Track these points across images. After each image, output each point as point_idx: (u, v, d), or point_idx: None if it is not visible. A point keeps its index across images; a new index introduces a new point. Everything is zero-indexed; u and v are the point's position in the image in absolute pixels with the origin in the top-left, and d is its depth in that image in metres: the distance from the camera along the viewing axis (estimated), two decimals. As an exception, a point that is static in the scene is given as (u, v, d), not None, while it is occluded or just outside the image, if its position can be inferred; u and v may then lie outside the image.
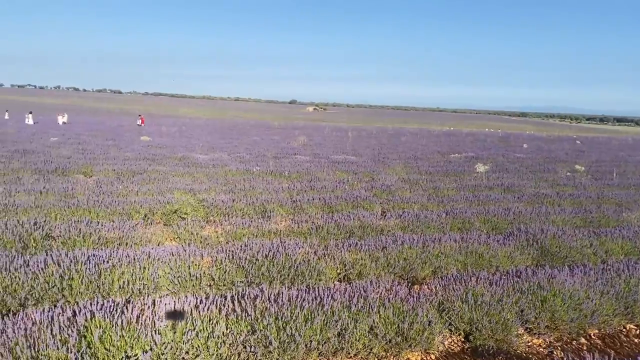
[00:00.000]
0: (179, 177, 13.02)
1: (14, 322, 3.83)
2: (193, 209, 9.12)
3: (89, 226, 7.11)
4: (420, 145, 30.03)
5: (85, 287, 5.13)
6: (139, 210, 8.59)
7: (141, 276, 5.43)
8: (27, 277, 5.03)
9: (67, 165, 13.52)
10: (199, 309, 4.40)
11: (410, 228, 8.48)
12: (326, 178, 13.80)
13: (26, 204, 8.37)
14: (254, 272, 5.84)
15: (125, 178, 12.35)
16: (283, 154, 20.43)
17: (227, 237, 7.55)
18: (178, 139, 26.89)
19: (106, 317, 3.99)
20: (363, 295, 5.02)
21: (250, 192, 11.14)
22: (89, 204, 8.63)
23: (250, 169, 14.84)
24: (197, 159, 17.16)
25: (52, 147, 19.11)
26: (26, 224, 6.83)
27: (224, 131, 37.86)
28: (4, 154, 15.54)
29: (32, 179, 11.43)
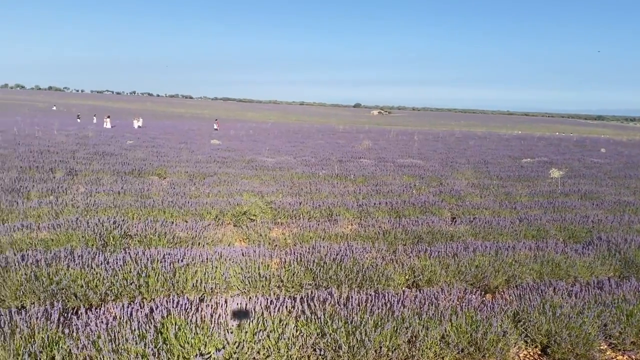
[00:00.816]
0: (247, 179, 13.30)
1: (97, 316, 4.02)
2: (261, 210, 9.27)
3: (164, 226, 7.39)
4: (490, 149, 29.13)
5: (161, 285, 5.32)
6: (210, 212, 8.84)
7: (213, 275, 5.58)
8: (108, 273, 5.29)
9: (142, 167, 14.14)
10: (269, 309, 4.45)
11: (482, 235, 8.22)
12: (392, 182, 13.66)
13: (105, 204, 8.81)
14: (321, 275, 5.84)
15: (197, 180, 12.77)
16: (348, 157, 20.41)
17: (295, 239, 7.62)
18: (246, 143, 27.52)
19: (181, 314, 4.11)
20: (434, 302, 4.90)
21: (316, 195, 11.21)
22: (163, 204, 8.98)
23: (315, 172, 14.93)
24: (264, 162, 17.48)
25: (128, 149, 20.07)
26: (106, 223, 7.19)
27: (290, 135, 38.37)
28: (85, 156, 16.49)
29: (111, 180, 12.03)
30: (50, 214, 8.13)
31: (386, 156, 21.65)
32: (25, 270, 5.13)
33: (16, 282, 4.98)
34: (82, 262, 5.37)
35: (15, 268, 5.16)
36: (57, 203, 8.57)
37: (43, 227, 7.05)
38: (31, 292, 4.97)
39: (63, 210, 8.24)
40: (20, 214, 8.01)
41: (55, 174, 12.32)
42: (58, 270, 5.20)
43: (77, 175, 12.55)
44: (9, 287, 4.94)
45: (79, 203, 8.71)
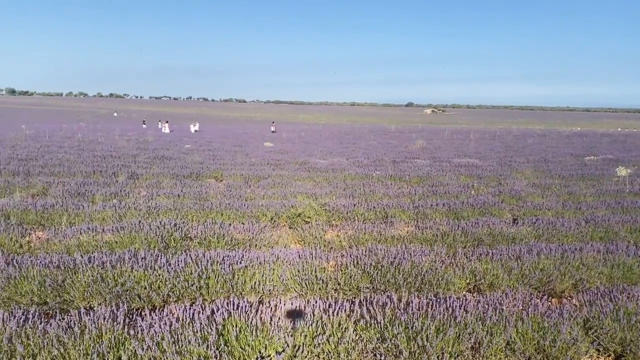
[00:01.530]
0: (300, 181, 13.36)
1: (160, 317, 4.11)
2: (315, 212, 9.27)
3: (222, 228, 7.51)
4: (550, 147, 28.06)
5: (221, 286, 5.39)
6: (265, 214, 8.92)
7: (271, 277, 5.61)
8: (169, 275, 5.41)
9: (200, 171, 14.47)
10: (327, 313, 4.41)
11: (545, 237, 7.88)
12: (449, 182, 13.36)
13: (166, 207, 9.05)
14: (379, 279, 5.76)
15: (252, 182, 12.94)
16: (402, 158, 20.17)
17: (350, 241, 7.56)
18: (298, 145, 27.72)
19: (242, 316, 4.14)
20: (497, 307, 4.73)
21: (370, 196, 11.11)
22: (221, 207, 9.13)
23: (369, 174, 14.82)
24: (316, 163, 17.51)
25: (186, 153, 20.62)
26: (167, 225, 7.38)
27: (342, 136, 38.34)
28: (146, 160, 17.06)
29: (171, 183, 12.37)
30: (114, 217, 8.43)
31: (441, 156, 21.25)
32: (92, 272, 5.32)
33: (84, 284, 5.17)
34: (145, 264, 5.51)
35: (83, 270, 5.36)
36: (120, 206, 8.88)
37: (107, 229, 7.32)
38: (97, 293, 5.15)
39: (126, 214, 8.53)
40: (86, 217, 8.35)
41: (117, 178, 12.79)
42: (122, 272, 5.37)
43: (139, 178, 12.99)
44: (77, 288, 5.14)
45: (141, 206, 8.99)
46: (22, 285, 5.11)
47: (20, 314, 4.09)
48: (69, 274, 5.29)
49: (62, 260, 5.53)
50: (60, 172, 13.46)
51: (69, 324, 3.95)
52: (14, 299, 5.06)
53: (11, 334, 3.75)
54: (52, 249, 6.68)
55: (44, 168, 13.93)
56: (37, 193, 10.53)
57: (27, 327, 3.90)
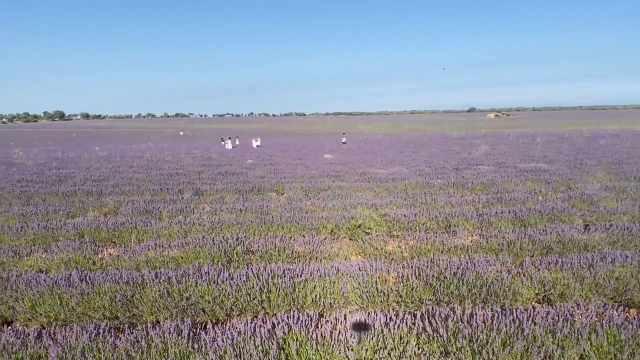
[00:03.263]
0: (360, 192, 13.30)
1: (223, 331, 4.18)
2: (376, 223, 9.18)
3: (283, 241, 7.58)
4: (624, 147, 26.49)
5: (282, 300, 5.43)
6: (326, 226, 8.93)
7: (331, 290, 5.58)
8: (232, 289, 5.50)
9: (261, 185, 14.73)
10: (389, 326, 4.33)
11: (621, 243, 7.41)
12: (514, 189, 12.88)
13: (229, 222, 9.26)
14: (442, 290, 5.60)
15: (312, 195, 13.02)
16: (464, 164, 19.67)
17: (412, 252, 7.42)
18: (357, 155, 27.66)
19: (302, 330, 4.14)
20: (569, 319, 4.47)
21: (432, 205, 10.88)
22: (281, 220, 9.23)
23: (430, 182, 14.54)
24: (376, 173, 17.39)
25: (248, 168, 21.06)
26: (230, 240, 7.55)
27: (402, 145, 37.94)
28: (210, 177, 17.57)
29: (233, 198, 12.66)
30: (179, 232, 8.71)
31: (506, 161, 20.55)
32: (159, 287, 5.50)
33: (151, 299, 5.35)
34: (209, 279, 5.65)
35: (150, 285, 5.56)
36: (186, 222, 9.17)
37: (173, 245, 7.57)
38: (164, 308, 5.32)
39: (191, 229, 8.79)
40: (153, 233, 8.68)
41: (183, 195, 13.24)
42: (187, 286, 5.52)
43: (203, 195, 13.38)
44: (145, 303, 5.33)
45: (205, 222, 9.25)
46: (94, 301, 5.36)
47: (92, 328, 4.29)
48: (137, 290, 5.50)
49: (131, 276, 5.77)
50: (130, 191, 14.10)
51: (137, 338, 4.09)
52: (88, 314, 5.31)
53: (84, 348, 3.94)
54: (122, 265, 6.98)
55: (115, 187, 14.64)
56: (108, 212, 11.08)
57: (99, 341, 4.08)
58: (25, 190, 14.13)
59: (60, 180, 16.69)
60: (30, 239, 8.47)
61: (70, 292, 5.46)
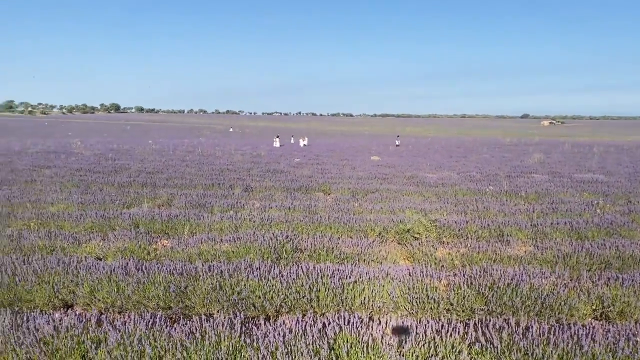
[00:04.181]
0: (408, 196, 13.17)
1: (274, 327, 4.22)
2: (425, 229, 9.06)
3: (331, 241, 7.60)
4: (690, 161, 25.14)
5: (330, 300, 5.44)
6: (373, 228, 8.89)
7: (381, 294, 5.55)
8: (282, 286, 5.56)
9: (309, 184, 14.81)
10: (440, 334, 4.27)
11: (687, 262, 7.03)
12: (570, 200, 12.43)
13: (277, 219, 9.35)
14: (494, 301, 5.48)
15: (359, 196, 12.98)
16: (517, 172, 19.15)
17: (462, 260, 7.28)
18: (406, 158, 27.40)
19: (352, 332, 4.14)
20: (631, 339, 4.28)
21: (483, 213, 10.65)
22: (329, 220, 9.25)
23: (481, 189, 14.24)
24: (425, 177, 17.18)
25: (295, 167, 21.22)
26: (279, 237, 7.62)
27: (451, 149, 37.31)
28: (259, 174, 17.81)
29: (282, 196, 12.79)
30: (230, 227, 8.87)
31: (561, 170, 19.88)
32: (211, 280, 5.62)
33: (204, 291, 5.47)
34: (260, 274, 5.72)
35: (203, 277, 5.68)
36: (236, 217, 9.33)
37: (225, 239, 7.71)
38: (216, 301, 5.43)
39: (241, 225, 8.94)
40: (205, 227, 8.88)
41: (234, 191, 13.48)
42: (239, 281, 5.61)
43: (252, 191, 13.58)
44: (197, 295, 5.46)
45: (255, 218, 9.38)
46: (149, 290, 5.52)
47: (149, 317, 4.42)
48: (190, 281, 5.63)
49: (184, 267, 5.91)
50: (183, 184, 14.47)
51: (191, 329, 4.19)
52: (142, 303, 5.49)
53: (141, 336, 4.06)
54: (175, 256, 7.17)
55: (168, 180, 15.06)
56: (162, 204, 11.40)
57: (155, 330, 4.20)
58: (84, 180, 14.73)
59: (116, 171, 17.31)
60: (88, 227, 8.82)
61: (127, 280, 5.65)
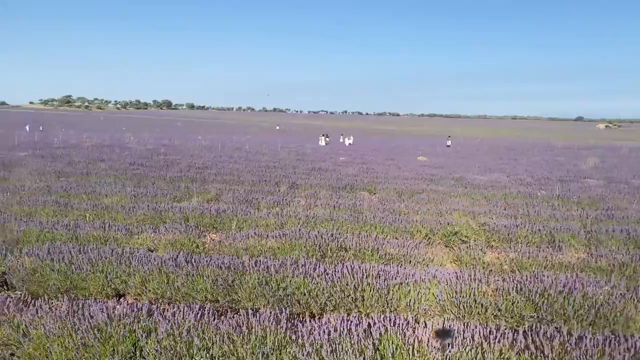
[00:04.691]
0: (456, 198, 12.95)
1: (319, 325, 4.24)
2: (473, 232, 8.88)
3: (376, 241, 7.56)
4: None
5: (376, 300, 5.42)
6: (420, 230, 8.78)
7: (427, 296, 5.49)
8: (327, 284, 5.57)
9: (354, 183, 14.79)
10: (488, 339, 4.18)
11: None
12: (628, 207, 11.90)
13: (322, 217, 9.38)
14: (545, 308, 5.32)
15: (405, 197, 12.86)
16: (570, 176, 18.51)
17: (512, 265, 7.10)
18: (453, 159, 26.96)
19: (398, 334, 4.10)
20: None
21: (534, 217, 10.35)
22: (374, 220, 9.21)
23: (532, 193, 13.85)
24: (474, 179, 16.84)
25: (341, 165, 21.23)
26: (324, 235, 7.64)
27: (501, 151, 36.43)
28: (304, 171, 17.92)
29: (327, 194, 12.82)
30: (276, 224, 8.96)
31: (617, 176, 19.08)
32: (258, 275, 5.70)
33: (250, 286, 5.56)
34: (305, 271, 5.76)
35: (250, 272, 5.77)
36: (282, 214, 9.42)
37: (271, 235, 7.79)
38: (262, 296, 5.50)
39: (287, 222, 9.02)
40: (252, 222, 9.00)
41: (279, 188, 13.61)
42: (284, 277, 5.66)
43: (298, 188, 13.68)
44: (244, 289, 5.55)
45: (300, 215, 9.44)
46: (198, 283, 5.65)
47: (197, 309, 4.53)
48: (237, 275, 5.73)
49: (232, 262, 6.02)
50: (231, 180, 14.73)
51: (238, 322, 4.26)
52: (191, 295, 5.62)
53: (189, 327, 4.17)
54: (223, 250, 7.32)
55: (216, 176, 15.37)
56: (211, 199, 11.64)
57: (203, 321, 4.29)
58: (137, 173, 15.22)
59: (167, 166, 17.80)
60: (140, 219, 9.11)
61: (177, 272, 5.80)
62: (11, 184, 12.41)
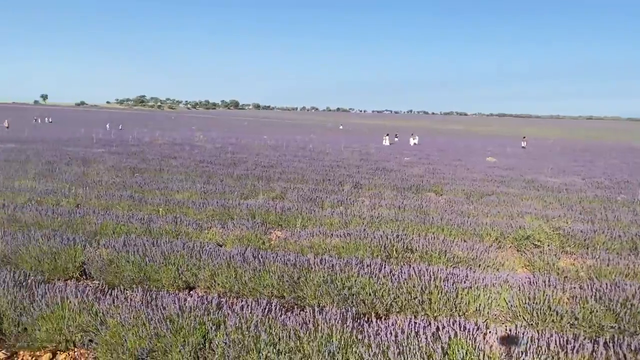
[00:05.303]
0: (528, 200, 12.44)
1: (386, 326, 4.17)
2: (547, 236, 8.48)
3: (444, 244, 7.37)
4: None
5: (443, 304, 5.27)
6: (489, 233, 8.49)
7: (498, 301, 5.28)
8: (393, 285, 5.48)
9: (419, 184, 14.53)
10: (565, 349, 3.95)
11: None
12: None
13: (387, 217, 9.26)
14: (627, 319, 4.98)
15: (474, 199, 12.49)
16: (653, 180, 17.33)
17: (589, 272, 6.71)
18: (525, 161, 25.95)
19: (468, 339, 3.96)
20: None
21: (613, 223, 9.75)
22: (442, 221, 8.99)
23: (611, 197, 13.07)
24: (546, 182, 16.13)
25: (406, 166, 20.96)
26: (390, 236, 7.53)
27: (575, 153, 34.70)
28: (368, 171, 17.83)
29: (391, 194, 12.68)
30: (340, 223, 8.95)
31: None
32: (323, 273, 5.69)
33: (315, 283, 5.56)
34: (370, 271, 5.69)
35: (315, 270, 5.77)
36: (346, 213, 9.39)
37: (335, 234, 7.78)
38: (326, 294, 5.49)
39: (351, 221, 8.98)
40: (316, 221, 9.03)
41: (343, 187, 13.60)
42: (349, 276, 5.62)
43: (362, 188, 13.61)
44: (309, 287, 5.56)
45: (365, 215, 9.37)
46: (264, 278, 5.72)
47: (264, 304, 4.58)
48: (303, 273, 5.74)
49: (297, 259, 6.05)
50: (295, 178, 14.88)
51: (304, 319, 4.27)
52: (258, 290, 5.70)
53: (257, 322, 4.21)
54: (288, 247, 7.38)
55: (281, 174, 15.57)
56: (276, 196, 11.79)
57: (270, 317, 4.33)
58: (206, 171, 15.68)
59: (235, 164, 18.24)
60: (209, 215, 9.36)
61: (244, 267, 5.90)
62: (90, 179, 13.12)
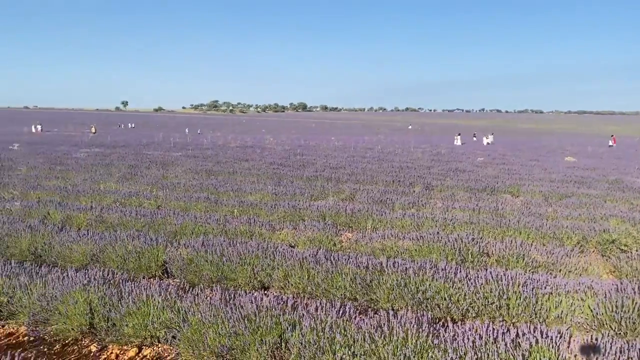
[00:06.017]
0: (612, 202, 11.73)
1: (463, 332, 4.08)
2: (635, 241, 7.96)
3: (522, 247, 7.09)
4: None
5: (522, 310, 5.08)
6: (570, 236, 8.09)
7: (581, 308, 5.02)
8: (469, 290, 5.34)
9: (494, 185, 14.07)
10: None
11: None
12: None
13: (461, 220, 9.03)
14: None
15: (552, 200, 11.95)
16: None
17: (684, 280, 6.23)
18: (607, 160, 24.51)
19: (551, 347, 3.80)
20: None
21: None
22: (519, 224, 8.66)
23: None
24: (633, 183, 15.15)
25: (479, 166, 20.37)
26: (464, 239, 7.35)
27: (665, 151, 32.31)
28: (439, 172, 17.50)
29: (465, 196, 12.35)
30: (412, 225, 8.83)
31: None
32: (396, 276, 5.64)
33: (389, 286, 5.53)
34: (445, 275, 5.58)
35: (388, 273, 5.73)
36: (418, 216, 9.24)
37: (407, 237, 7.68)
38: (400, 297, 5.44)
39: (423, 223, 8.84)
40: (387, 223, 8.97)
41: (414, 188, 13.42)
42: (423, 280, 5.54)
43: (433, 190, 13.37)
44: (382, 289, 5.53)
45: (437, 217, 9.19)
46: (337, 280, 5.75)
47: (338, 306, 4.60)
48: (375, 275, 5.72)
49: (369, 261, 6.03)
50: (364, 180, 14.85)
51: (379, 322, 4.25)
52: (330, 291, 5.74)
53: (332, 323, 4.24)
54: (359, 249, 7.38)
55: (350, 176, 15.58)
56: (345, 198, 11.83)
57: (344, 318, 4.35)
58: (276, 172, 15.98)
59: (304, 166, 18.46)
60: (281, 216, 9.53)
61: (316, 268, 5.96)
62: (169, 181, 13.73)
